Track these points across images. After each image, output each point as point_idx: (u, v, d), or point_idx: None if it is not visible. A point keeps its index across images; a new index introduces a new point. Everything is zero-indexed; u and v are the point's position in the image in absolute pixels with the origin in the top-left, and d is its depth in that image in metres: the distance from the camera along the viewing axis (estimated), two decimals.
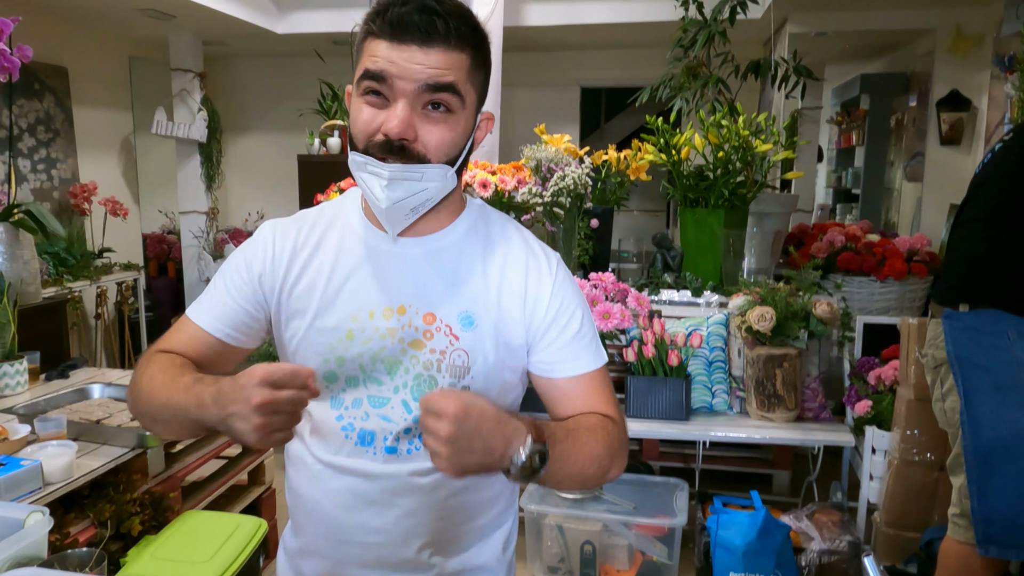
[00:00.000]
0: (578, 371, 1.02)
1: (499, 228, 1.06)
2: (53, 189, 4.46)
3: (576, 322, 1.02)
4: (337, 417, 1.00)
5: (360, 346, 0.98)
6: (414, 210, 0.94)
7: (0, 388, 2.39)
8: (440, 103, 0.90)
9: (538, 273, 1.02)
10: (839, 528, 2.41)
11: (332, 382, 1.00)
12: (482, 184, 3.68)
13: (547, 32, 4.73)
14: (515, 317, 1.00)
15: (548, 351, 1.01)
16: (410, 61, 0.88)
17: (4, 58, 2.45)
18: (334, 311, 0.99)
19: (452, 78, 0.89)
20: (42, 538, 1.01)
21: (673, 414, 2.74)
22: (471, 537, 1.07)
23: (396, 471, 0.99)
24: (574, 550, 2.57)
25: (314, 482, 1.03)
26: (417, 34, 0.88)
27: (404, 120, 0.89)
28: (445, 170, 0.93)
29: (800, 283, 2.85)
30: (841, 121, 6.09)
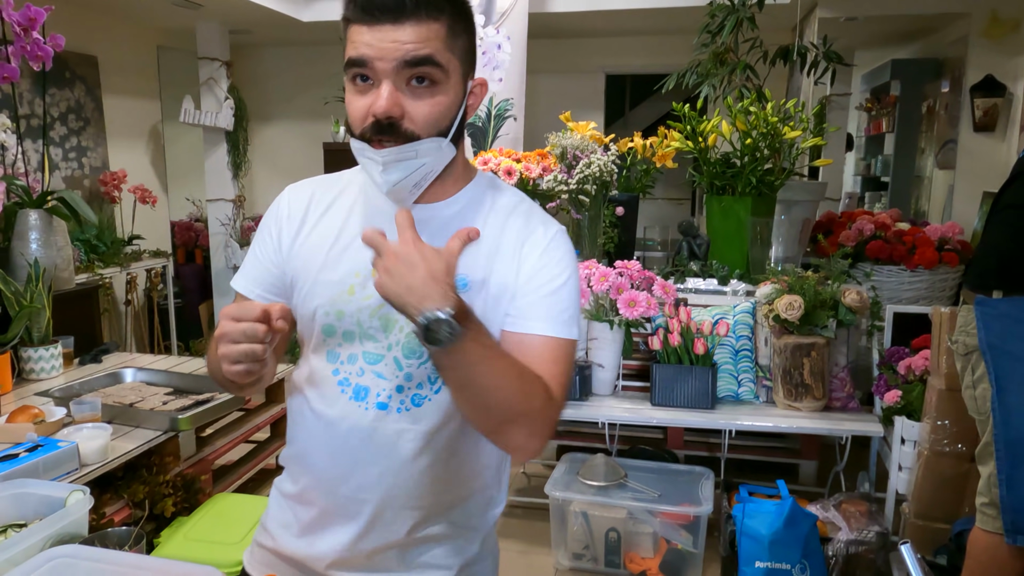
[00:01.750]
0: (539, 331, 0.99)
1: (506, 199, 1.07)
2: (84, 177, 4.52)
3: (555, 284, 1.01)
4: (334, 371, 1.03)
5: (360, 302, 1.00)
6: (417, 185, 0.97)
7: (36, 372, 2.44)
8: (423, 76, 0.92)
9: (534, 240, 1.03)
10: (867, 518, 2.39)
11: (330, 336, 1.03)
12: (507, 172, 3.68)
13: (572, 18, 4.70)
14: (507, 282, 1.01)
15: (517, 304, 1.00)
16: (385, 40, 0.90)
17: (38, 47, 2.49)
18: (339, 266, 1.02)
19: (429, 50, 0.91)
20: (83, 517, 1.03)
21: (699, 403, 2.73)
22: (452, 502, 1.08)
23: (385, 427, 1.01)
24: (599, 537, 2.57)
25: (310, 434, 1.06)
26: (388, 13, 0.90)
27: (389, 99, 0.91)
28: (439, 142, 0.95)
29: (829, 272, 2.82)
30: (871, 108, 5.99)
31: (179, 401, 2.18)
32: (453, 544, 1.09)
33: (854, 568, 2.32)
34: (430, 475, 1.03)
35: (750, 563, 2.30)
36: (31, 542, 0.95)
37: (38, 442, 1.72)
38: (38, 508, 1.07)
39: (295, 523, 1.09)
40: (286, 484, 1.12)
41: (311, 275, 1.03)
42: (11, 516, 1.05)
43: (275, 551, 1.11)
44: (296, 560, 1.09)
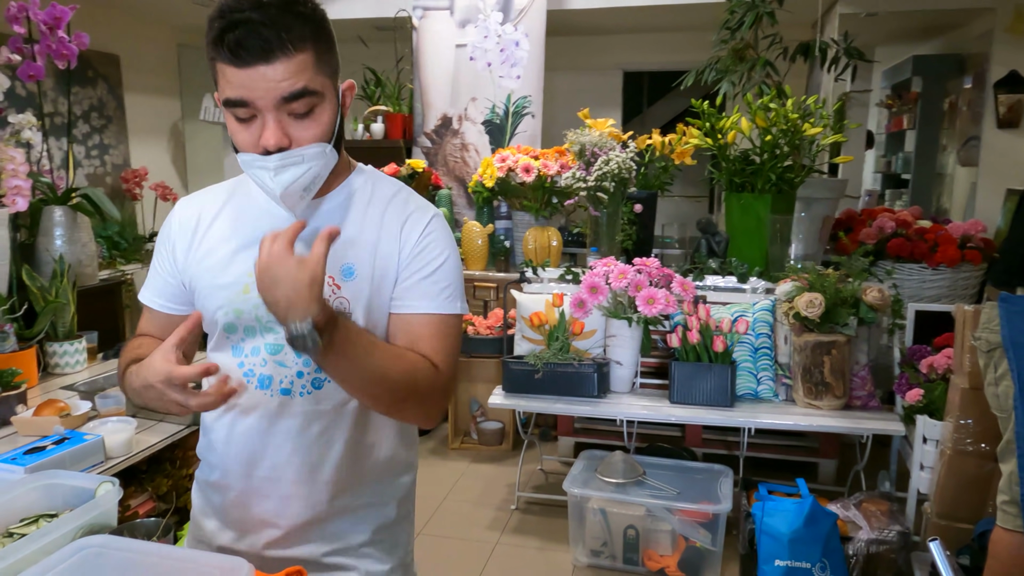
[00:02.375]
0: (421, 309, 1.08)
1: (384, 190, 1.14)
2: (106, 174, 4.57)
3: (434, 265, 1.09)
4: (239, 364, 1.10)
5: (256, 299, 1.04)
6: (307, 189, 1.03)
7: (61, 366, 2.48)
8: (302, 105, 0.98)
9: (412, 223, 1.10)
10: (888, 518, 2.37)
11: (232, 333, 1.11)
12: (525, 169, 3.68)
13: (590, 15, 4.68)
14: (390, 265, 1.09)
15: (400, 287, 1.09)
16: (261, 81, 0.95)
17: (63, 45, 2.52)
18: (232, 268, 1.10)
19: (303, 83, 0.97)
20: (112, 508, 1.04)
21: (718, 401, 2.72)
22: (364, 472, 1.15)
23: (291, 410, 1.09)
24: (617, 534, 2.57)
25: (222, 424, 1.13)
26: (258, 54, 0.94)
27: (276, 132, 0.97)
28: (323, 147, 1.02)
29: (850, 269, 2.79)
30: (892, 104, 5.94)
31: None
32: (369, 512, 1.16)
33: (875, 568, 2.30)
34: (339, 449, 1.11)
35: (769, 561, 2.28)
36: (62, 532, 0.96)
37: (65, 435, 1.74)
38: (68, 499, 1.09)
39: (218, 509, 1.16)
40: (204, 473, 1.19)
41: (208, 279, 1.11)
42: (42, 506, 1.07)
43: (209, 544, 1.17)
44: (227, 548, 1.15)
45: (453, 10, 4.32)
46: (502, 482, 3.29)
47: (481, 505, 3.08)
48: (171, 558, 0.93)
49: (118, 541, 0.94)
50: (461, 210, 4.42)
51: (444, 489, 3.23)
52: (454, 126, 4.39)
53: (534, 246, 3.69)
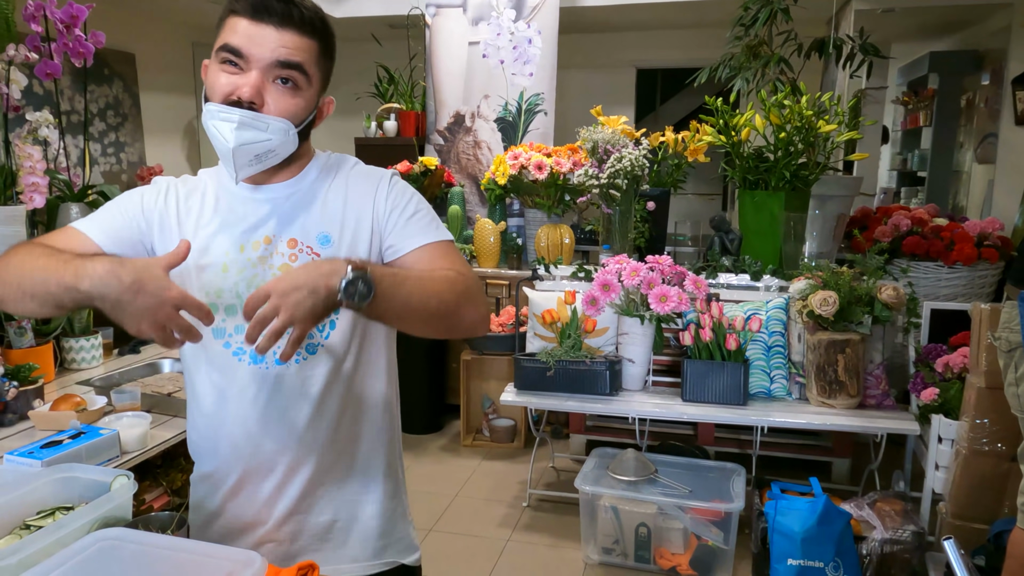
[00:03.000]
0: (419, 243, 1.15)
1: (343, 165, 1.21)
2: (122, 172, 4.61)
3: (411, 208, 1.17)
4: (224, 345, 1.12)
5: (235, 276, 1.12)
6: (258, 158, 1.06)
7: (77, 361, 2.50)
8: (288, 79, 1.05)
9: (375, 185, 1.17)
10: (902, 518, 2.35)
11: (214, 312, 1.07)
12: (537, 166, 3.68)
13: (603, 12, 4.67)
14: (364, 226, 1.14)
15: (391, 236, 1.15)
16: (266, 38, 1.02)
17: (79, 44, 2.54)
18: (210, 250, 1.12)
19: (300, 59, 1.04)
20: (127, 501, 1.05)
21: (731, 399, 2.71)
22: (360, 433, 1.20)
23: (289, 377, 1.12)
24: (629, 532, 2.57)
25: (217, 409, 1.14)
26: (275, 16, 1.02)
27: (256, 86, 1.02)
28: (288, 126, 1.06)
29: (864, 267, 2.77)
30: (908, 101, 5.88)
31: None
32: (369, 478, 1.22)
33: (889, 568, 2.29)
34: (338, 410, 1.15)
35: (782, 560, 2.28)
36: (78, 524, 0.97)
37: (81, 429, 1.76)
38: (84, 492, 1.10)
39: (218, 498, 1.18)
40: (201, 468, 1.22)
41: (187, 262, 1.07)
42: (59, 499, 1.08)
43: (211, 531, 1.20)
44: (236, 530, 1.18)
45: (466, 8, 4.32)
46: (514, 479, 3.29)
47: (493, 502, 3.09)
48: (185, 551, 0.94)
49: (133, 534, 0.95)
50: (474, 207, 4.43)
51: (456, 486, 3.24)
52: (467, 123, 4.40)
53: (546, 243, 3.68)
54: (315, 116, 1.13)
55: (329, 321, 1.12)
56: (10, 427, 1.97)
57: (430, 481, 3.29)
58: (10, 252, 1.05)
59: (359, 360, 1.16)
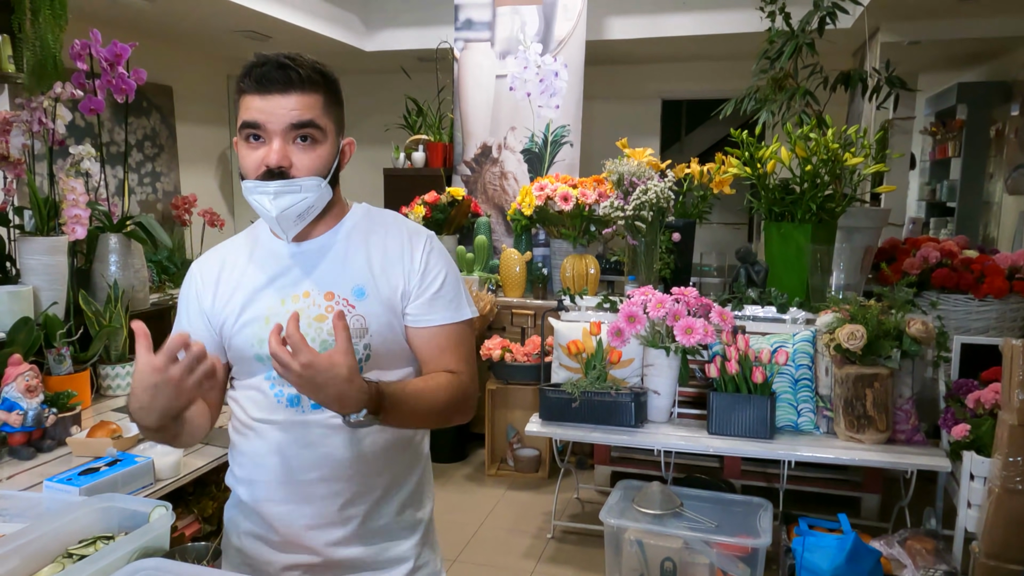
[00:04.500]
0: (436, 323, 1.24)
1: (382, 220, 1.29)
2: (157, 201, 4.73)
3: (438, 283, 1.24)
4: (271, 387, 1.22)
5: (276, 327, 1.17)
6: (300, 216, 1.17)
7: (112, 388, 2.56)
8: (306, 136, 1.14)
9: (411, 246, 1.25)
10: (934, 557, 2.32)
11: (260, 361, 1.22)
12: (563, 197, 3.72)
13: (629, 45, 4.74)
14: (395, 283, 1.23)
15: (413, 306, 1.23)
16: (276, 107, 1.12)
17: (122, 81, 2.64)
18: (254, 306, 1.22)
19: (310, 116, 1.13)
20: (165, 532, 1.08)
21: (757, 432, 2.69)
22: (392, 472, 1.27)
23: (323, 422, 1.20)
24: (654, 566, 2.55)
25: (259, 444, 1.23)
26: (278, 85, 1.11)
27: (280, 152, 1.12)
28: (318, 181, 1.16)
29: (892, 301, 2.76)
30: (936, 132, 5.86)
31: None
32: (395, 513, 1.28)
33: None
34: (370, 445, 1.23)
35: None
36: (119, 554, 1.00)
37: (117, 457, 1.80)
38: (123, 522, 1.13)
39: (253, 527, 1.26)
40: (237, 497, 1.29)
41: (235, 318, 1.23)
42: (99, 528, 1.12)
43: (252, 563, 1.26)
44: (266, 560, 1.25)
45: (494, 42, 4.40)
46: (538, 510, 3.29)
47: (517, 533, 3.08)
48: None
49: (171, 564, 0.98)
50: (500, 237, 4.47)
51: (480, 516, 3.24)
52: (493, 155, 4.46)
53: (572, 273, 3.71)
54: (339, 163, 1.21)
55: (359, 368, 1.17)
56: (48, 452, 2.03)
57: (455, 510, 3.29)
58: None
59: None
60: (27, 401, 1.99)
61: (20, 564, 1.01)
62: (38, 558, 1.04)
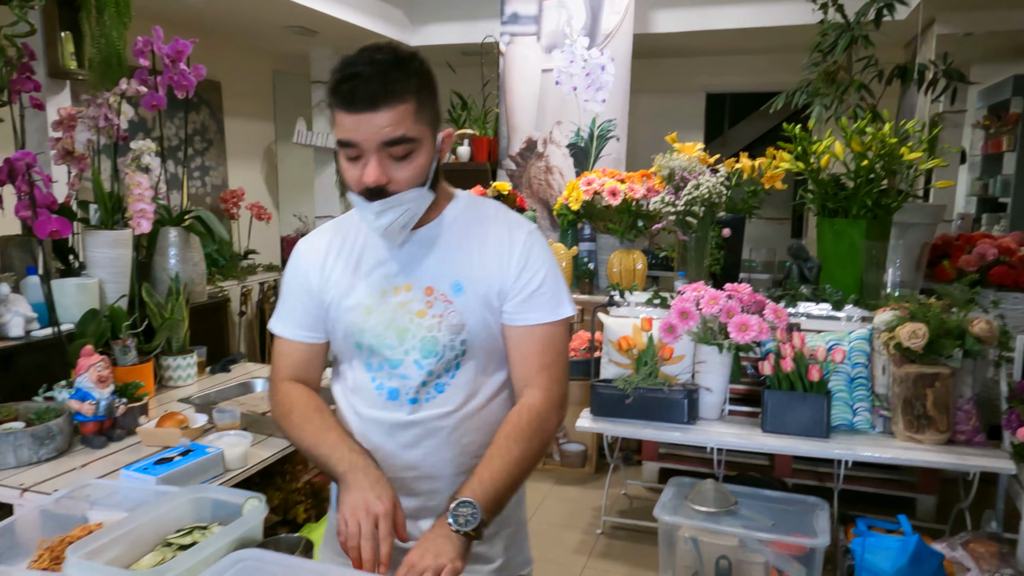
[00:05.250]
0: (535, 321, 1.22)
1: (484, 211, 1.27)
2: (206, 195, 4.80)
3: (537, 280, 1.22)
4: (371, 379, 1.23)
5: (376, 318, 1.21)
6: (405, 226, 1.17)
7: (174, 379, 2.61)
8: (400, 150, 1.11)
9: (511, 241, 1.23)
10: (998, 560, 2.27)
11: (360, 350, 1.23)
12: (611, 192, 3.70)
13: (675, 38, 4.70)
14: (494, 279, 1.21)
15: (511, 303, 1.22)
16: (365, 125, 1.08)
17: (183, 77, 2.68)
18: (356, 292, 1.23)
19: (402, 131, 1.09)
20: (259, 523, 1.10)
21: (813, 431, 2.66)
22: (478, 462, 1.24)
23: (420, 418, 1.21)
24: (709, 564, 2.54)
25: (359, 434, 1.24)
26: (365, 103, 1.07)
27: (376, 171, 1.10)
28: (419, 192, 1.15)
29: (955, 299, 2.70)
30: (989, 125, 5.72)
31: None
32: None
33: None
34: (468, 440, 1.23)
35: None
36: (219, 545, 1.02)
37: (189, 447, 1.84)
38: (215, 512, 1.16)
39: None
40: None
41: (337, 303, 1.24)
42: (192, 518, 1.14)
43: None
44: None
45: (540, 35, 4.39)
46: (586, 505, 3.29)
47: (567, 528, 3.09)
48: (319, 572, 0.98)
49: (269, 555, 1.00)
50: (545, 232, 4.46)
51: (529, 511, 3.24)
52: (539, 149, 4.45)
53: (619, 269, 3.69)
54: (439, 160, 1.19)
55: (456, 363, 1.21)
56: (119, 442, 2.08)
57: None
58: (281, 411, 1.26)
59: (484, 396, 1.25)
60: (99, 391, 2.03)
61: (124, 551, 1.04)
62: (140, 546, 1.07)
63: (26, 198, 2.11)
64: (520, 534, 1.37)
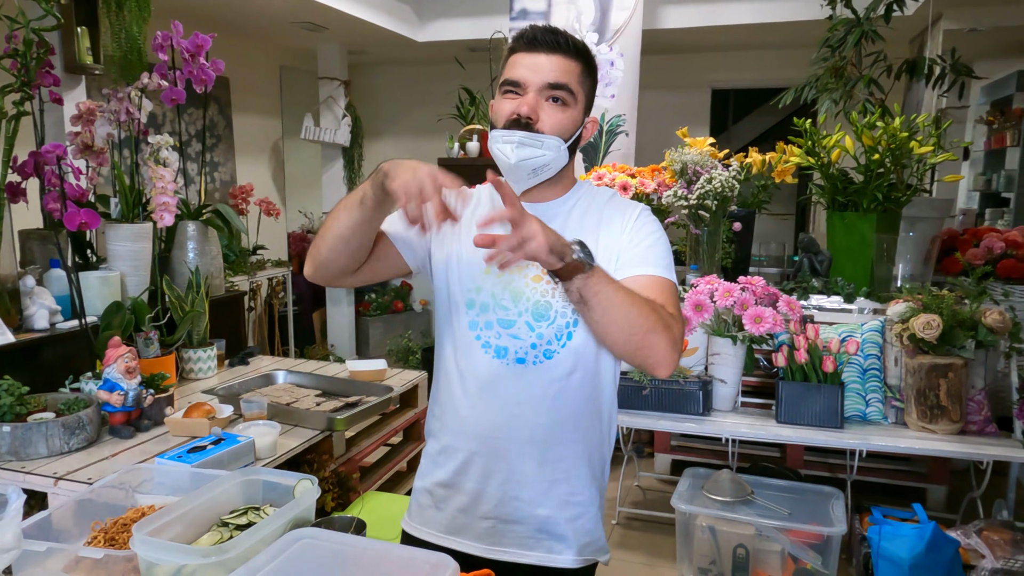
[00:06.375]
0: (646, 272, 1.22)
1: (601, 195, 1.34)
2: (215, 191, 4.82)
3: (649, 240, 1.26)
4: (476, 337, 1.27)
5: (494, 278, 1.26)
6: (535, 172, 1.22)
7: (195, 372, 2.64)
8: (558, 98, 1.21)
9: (626, 215, 1.29)
10: (1013, 547, 2.31)
11: (471, 308, 1.27)
12: (622, 187, 3.72)
13: (682, 34, 4.72)
14: (611, 243, 1.25)
15: (625, 255, 1.25)
16: (539, 65, 1.20)
17: (202, 71, 2.70)
18: (478, 252, 1.18)
19: (567, 80, 1.21)
20: (312, 504, 1.13)
21: (827, 422, 2.69)
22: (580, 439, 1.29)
23: (525, 377, 1.24)
24: (726, 553, 2.57)
25: (457, 391, 1.29)
26: (545, 46, 1.21)
27: (532, 104, 1.19)
28: (559, 142, 1.21)
29: (967, 291, 2.74)
30: (993, 120, 5.75)
31: (331, 403, 2.32)
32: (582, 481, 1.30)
33: None
34: (565, 414, 1.26)
35: None
36: (277, 524, 1.05)
37: (221, 436, 1.86)
38: (266, 494, 1.18)
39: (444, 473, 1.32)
40: (431, 447, 1.37)
41: (457, 259, 1.29)
42: (246, 500, 1.17)
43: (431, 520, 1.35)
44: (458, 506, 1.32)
45: None
46: None
47: None
48: (377, 551, 1.00)
49: (327, 533, 1.02)
50: None
51: None
52: None
53: None
54: (580, 134, 1.27)
55: (567, 332, 1.24)
56: (146, 432, 2.10)
57: None
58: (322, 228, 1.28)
59: (588, 372, 1.26)
60: (127, 382, 2.05)
61: (183, 530, 1.06)
62: (197, 525, 1.09)
63: (56, 191, 2.12)
64: (599, 516, 1.38)
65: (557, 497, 1.29)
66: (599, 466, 1.34)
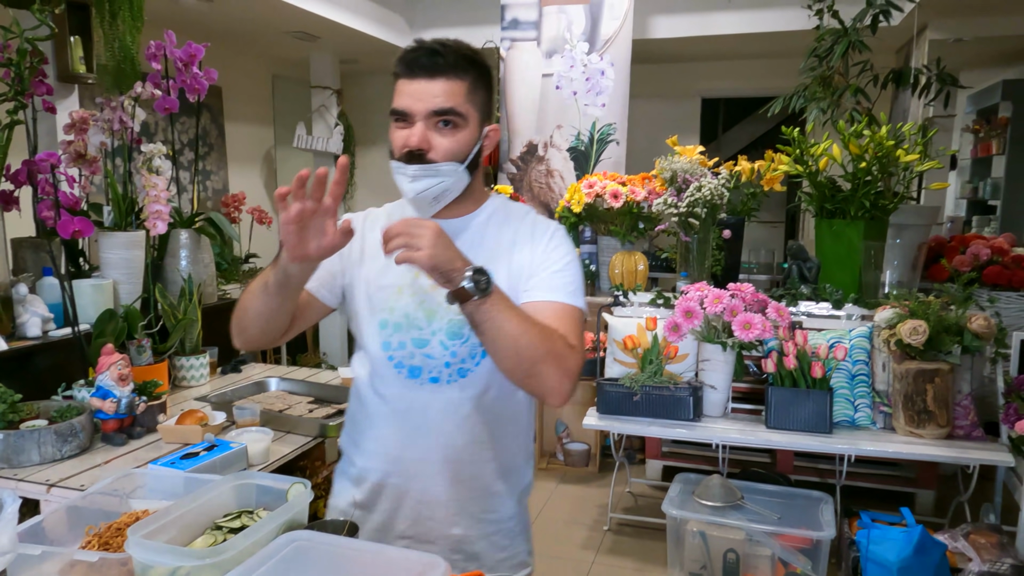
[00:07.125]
0: (550, 298, 1.22)
1: (516, 212, 1.33)
2: (208, 199, 4.83)
3: (559, 264, 1.25)
4: (389, 357, 1.27)
5: (408, 298, 1.27)
6: (436, 199, 1.21)
7: (187, 379, 2.64)
8: (448, 121, 1.18)
9: (540, 233, 1.28)
10: (999, 550, 2.33)
11: (383, 328, 1.28)
12: (613, 195, 3.76)
13: (672, 43, 4.76)
14: (523, 265, 1.25)
15: (531, 280, 1.25)
16: (421, 92, 1.17)
17: (195, 80, 2.71)
18: (390, 273, 1.27)
19: (452, 103, 1.17)
20: (305, 508, 1.14)
21: (816, 427, 2.72)
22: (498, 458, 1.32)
23: (440, 396, 1.26)
24: (716, 558, 2.58)
25: (372, 413, 1.31)
26: (423, 71, 1.17)
27: (420, 135, 1.17)
28: (455, 166, 1.20)
29: (953, 297, 2.77)
30: (979, 129, 5.82)
31: (323, 409, 2.33)
32: (498, 498, 1.33)
33: None
34: (480, 431, 1.27)
35: None
36: (270, 527, 1.06)
37: (214, 442, 1.87)
38: (260, 498, 1.19)
39: (358, 493, 1.34)
40: (345, 467, 1.39)
41: (368, 282, 1.30)
42: (238, 504, 1.18)
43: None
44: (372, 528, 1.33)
45: (540, 41, 4.45)
46: (592, 503, 3.33)
47: (573, 525, 3.13)
48: (370, 552, 1.02)
49: (321, 536, 1.04)
50: None
51: (535, 509, 3.29)
52: (539, 153, 4.51)
53: (620, 270, 3.75)
54: (480, 149, 1.24)
55: (482, 351, 1.23)
56: (138, 439, 2.10)
57: None
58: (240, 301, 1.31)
59: (505, 389, 1.27)
60: (120, 389, 2.06)
61: (177, 534, 1.07)
62: (191, 529, 1.10)
63: (50, 199, 2.13)
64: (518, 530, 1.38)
65: (470, 516, 1.31)
66: (517, 477, 1.36)
